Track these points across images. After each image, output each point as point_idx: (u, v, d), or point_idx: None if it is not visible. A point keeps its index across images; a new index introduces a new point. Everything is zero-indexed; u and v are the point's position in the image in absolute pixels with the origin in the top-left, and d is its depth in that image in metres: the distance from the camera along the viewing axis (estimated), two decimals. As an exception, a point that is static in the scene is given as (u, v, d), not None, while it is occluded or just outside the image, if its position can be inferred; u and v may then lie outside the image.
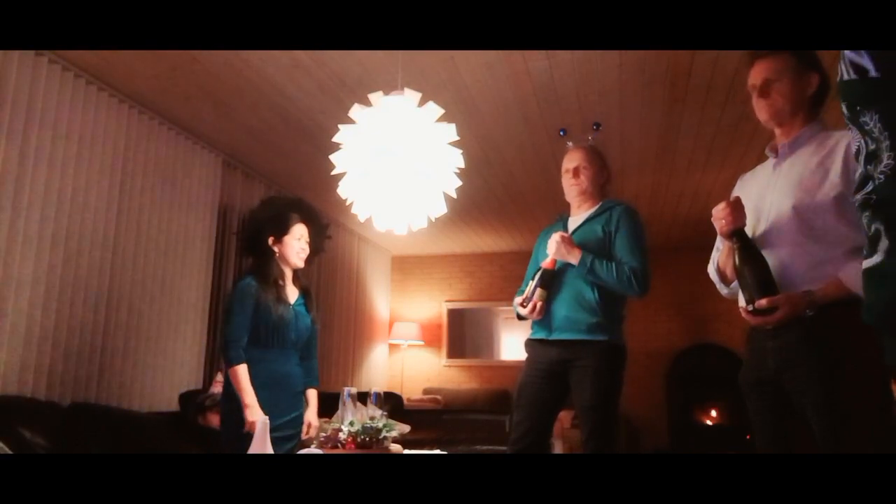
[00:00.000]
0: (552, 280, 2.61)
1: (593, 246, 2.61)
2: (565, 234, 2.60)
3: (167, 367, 3.90)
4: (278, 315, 2.75)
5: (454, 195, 2.55)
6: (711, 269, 2.02)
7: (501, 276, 7.30)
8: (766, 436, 1.80)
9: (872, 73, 0.79)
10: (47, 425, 2.79)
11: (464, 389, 6.99)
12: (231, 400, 2.71)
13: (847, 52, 0.81)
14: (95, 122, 3.45)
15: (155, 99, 3.71)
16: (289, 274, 2.89)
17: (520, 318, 2.72)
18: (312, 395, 2.96)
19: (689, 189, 5.20)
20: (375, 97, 2.41)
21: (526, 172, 4.86)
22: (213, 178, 4.39)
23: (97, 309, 3.42)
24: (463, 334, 7.49)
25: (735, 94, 3.59)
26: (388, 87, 2.55)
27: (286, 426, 2.74)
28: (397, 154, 2.35)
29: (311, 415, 2.92)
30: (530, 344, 2.71)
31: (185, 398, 3.70)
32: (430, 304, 7.51)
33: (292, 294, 2.89)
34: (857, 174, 0.86)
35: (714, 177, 4.89)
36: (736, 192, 1.96)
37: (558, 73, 3.42)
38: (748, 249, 1.75)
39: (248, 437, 2.58)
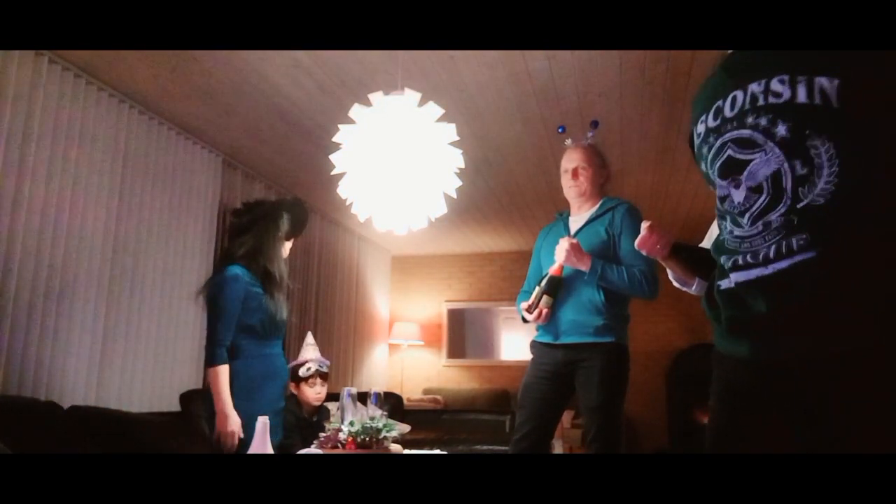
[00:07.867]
0: (559, 286, 2.59)
1: (598, 249, 2.59)
2: (574, 242, 2.56)
3: (167, 367, 3.90)
4: (277, 305, 2.70)
5: (454, 195, 2.55)
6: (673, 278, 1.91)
7: (501, 276, 7.30)
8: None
9: (834, 103, 0.75)
10: (46, 426, 2.78)
11: (464, 389, 6.99)
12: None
13: (819, 78, 0.77)
14: (95, 122, 3.45)
15: (155, 99, 3.71)
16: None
17: (524, 321, 2.71)
18: None
19: (689, 189, 5.20)
20: (375, 97, 2.41)
21: (526, 172, 4.86)
22: (213, 178, 4.39)
23: (97, 308, 3.42)
24: (463, 334, 7.49)
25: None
26: (388, 87, 2.55)
27: (276, 417, 2.65)
28: (397, 154, 2.35)
29: None
30: (536, 346, 2.70)
31: (186, 398, 3.70)
32: (430, 304, 7.51)
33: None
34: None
35: (714, 177, 4.88)
36: None
37: (558, 73, 3.42)
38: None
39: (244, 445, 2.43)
